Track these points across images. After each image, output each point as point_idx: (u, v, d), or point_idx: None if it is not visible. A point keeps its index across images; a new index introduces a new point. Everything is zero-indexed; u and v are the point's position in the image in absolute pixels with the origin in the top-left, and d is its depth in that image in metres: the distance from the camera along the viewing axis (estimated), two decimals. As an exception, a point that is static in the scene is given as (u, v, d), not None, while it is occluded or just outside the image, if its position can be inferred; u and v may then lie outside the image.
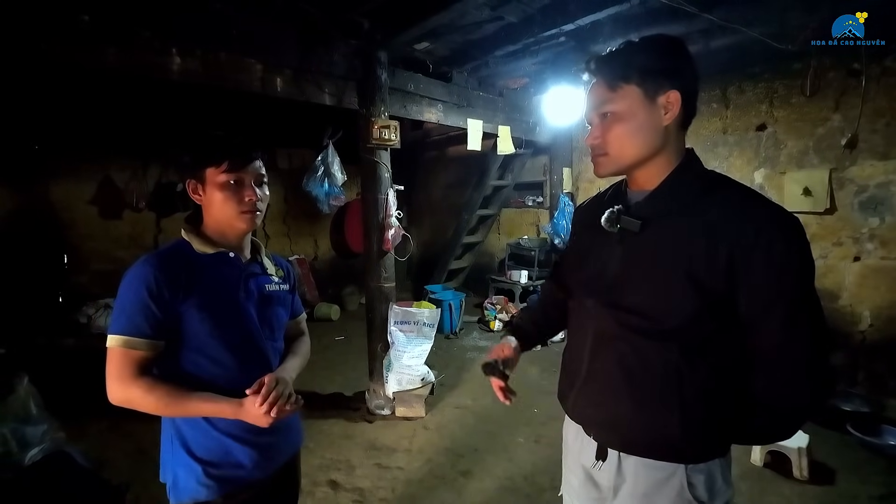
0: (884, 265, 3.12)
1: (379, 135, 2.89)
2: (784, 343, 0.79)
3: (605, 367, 0.91)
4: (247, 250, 1.14)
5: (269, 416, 0.95)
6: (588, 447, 0.96)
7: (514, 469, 2.45)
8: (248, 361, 1.05)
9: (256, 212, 1.06)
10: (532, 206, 5.50)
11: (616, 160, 0.88)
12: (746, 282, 0.77)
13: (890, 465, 2.39)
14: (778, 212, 0.80)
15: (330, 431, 2.85)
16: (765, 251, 0.76)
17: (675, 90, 0.82)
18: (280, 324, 1.17)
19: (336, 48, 2.84)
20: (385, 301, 3.11)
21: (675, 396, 0.84)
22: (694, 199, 0.84)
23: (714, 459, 0.86)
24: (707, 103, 3.91)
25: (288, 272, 1.25)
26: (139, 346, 0.95)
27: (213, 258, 1.05)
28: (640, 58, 0.84)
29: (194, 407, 0.97)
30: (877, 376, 3.18)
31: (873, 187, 3.13)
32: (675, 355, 0.83)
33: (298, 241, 6.12)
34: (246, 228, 1.06)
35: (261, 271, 1.14)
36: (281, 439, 1.13)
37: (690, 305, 0.80)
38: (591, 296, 0.95)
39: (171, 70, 2.25)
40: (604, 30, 2.83)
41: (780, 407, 0.83)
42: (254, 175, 1.06)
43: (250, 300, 1.08)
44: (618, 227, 0.88)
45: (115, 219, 4.63)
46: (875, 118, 3.09)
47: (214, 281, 1.03)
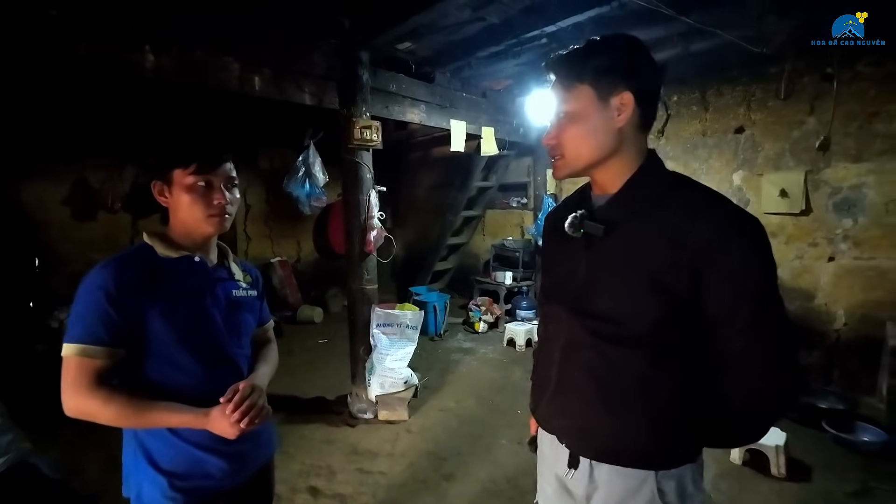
0: (857, 265, 3.20)
1: (360, 135, 2.86)
2: (748, 346, 0.78)
3: (575, 375, 0.90)
4: (213, 255, 1.10)
5: (237, 426, 0.92)
6: (561, 456, 0.94)
7: (497, 471, 2.43)
8: (216, 369, 1.02)
9: (225, 215, 1.02)
10: (516, 208, 5.51)
11: (571, 162, 0.87)
12: (708, 285, 0.76)
13: (864, 461, 2.44)
14: (737, 213, 0.78)
15: (311, 436, 2.80)
16: (724, 254, 0.75)
17: (628, 91, 0.81)
18: (247, 330, 1.14)
19: (316, 47, 2.81)
20: (367, 303, 3.07)
21: (643, 403, 0.83)
22: (655, 201, 0.83)
23: (684, 465, 0.85)
24: (687, 106, 3.97)
25: (256, 278, 1.22)
26: (97, 355, 0.91)
27: (177, 262, 1.01)
28: (595, 58, 0.82)
29: (157, 417, 0.93)
30: (851, 374, 3.25)
31: (846, 189, 3.21)
32: (642, 361, 0.82)
33: (281, 243, 6.03)
34: (213, 232, 1.03)
35: (227, 276, 1.11)
36: (252, 447, 1.09)
37: (656, 310, 0.79)
38: (559, 303, 0.93)
39: (145, 67, 2.19)
40: (585, 32, 2.84)
41: (748, 410, 0.83)
42: (223, 178, 1.03)
43: (216, 306, 1.04)
44: (581, 232, 0.87)
45: (90, 220, 4.50)
46: (848, 121, 3.17)
47: (179, 286, 0.99)
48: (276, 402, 3.08)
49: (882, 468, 2.37)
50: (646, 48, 0.84)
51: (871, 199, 3.11)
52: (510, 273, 5.07)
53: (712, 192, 0.83)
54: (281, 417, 2.99)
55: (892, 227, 3.05)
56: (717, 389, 0.83)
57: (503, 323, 4.82)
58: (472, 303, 5.11)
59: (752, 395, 0.80)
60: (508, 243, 5.26)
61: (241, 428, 0.92)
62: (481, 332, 4.84)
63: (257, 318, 1.19)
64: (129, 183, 4.67)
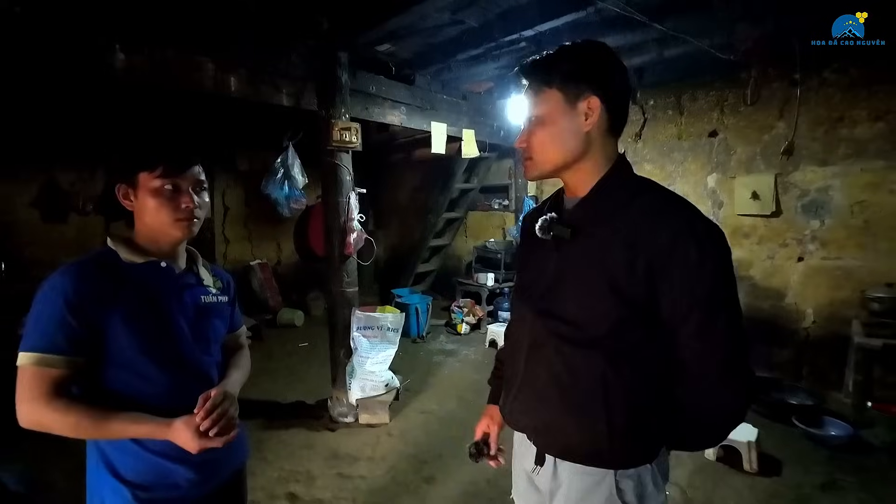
0: (824, 265, 3.31)
1: (339, 137, 2.84)
2: (701, 351, 0.79)
3: (538, 375, 0.92)
4: (181, 260, 1.07)
5: (199, 440, 0.89)
6: (530, 452, 0.96)
7: (478, 473, 2.44)
8: (182, 377, 0.99)
9: (194, 220, 1.00)
10: (498, 209, 5.54)
11: (540, 164, 0.89)
12: (664, 289, 0.78)
13: (831, 454, 2.52)
14: (693, 218, 0.79)
15: (290, 441, 2.76)
16: (680, 258, 0.76)
17: (595, 96, 0.82)
18: (217, 336, 1.11)
19: (294, 48, 2.78)
20: (347, 306, 3.05)
21: (601, 403, 0.84)
22: (620, 205, 0.84)
23: (643, 465, 0.86)
24: (663, 110, 4.06)
25: (228, 283, 1.19)
26: (55, 364, 0.87)
27: (142, 268, 0.98)
28: (563, 63, 0.84)
29: (118, 428, 0.90)
30: (820, 370, 3.37)
31: (814, 191, 3.32)
32: (601, 363, 0.83)
33: (260, 245, 5.94)
34: (181, 237, 1.00)
35: (196, 282, 1.08)
36: (222, 454, 1.05)
37: (614, 313, 0.81)
38: (526, 303, 0.95)
39: (115, 67, 2.14)
40: (562, 36, 2.88)
41: (703, 415, 0.84)
42: (192, 181, 1.00)
43: (183, 312, 1.02)
44: (551, 234, 0.88)
45: (60, 223, 4.36)
46: (815, 126, 3.28)
47: (143, 292, 0.96)
48: (255, 407, 3.10)
49: (848, 461, 2.45)
50: (614, 54, 0.86)
51: (836, 202, 3.23)
52: (492, 274, 5.09)
53: (674, 197, 0.84)
54: (260, 423, 2.95)
55: (856, 228, 3.17)
56: (674, 393, 0.84)
57: (485, 324, 4.84)
58: (454, 304, 5.11)
59: (706, 398, 0.82)
60: (490, 245, 5.29)
61: (204, 442, 0.89)
62: (464, 334, 4.85)
63: (228, 325, 1.17)
64: (102, 184, 4.54)
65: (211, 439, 0.90)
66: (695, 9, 2.60)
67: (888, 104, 3.00)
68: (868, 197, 3.11)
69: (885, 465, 2.42)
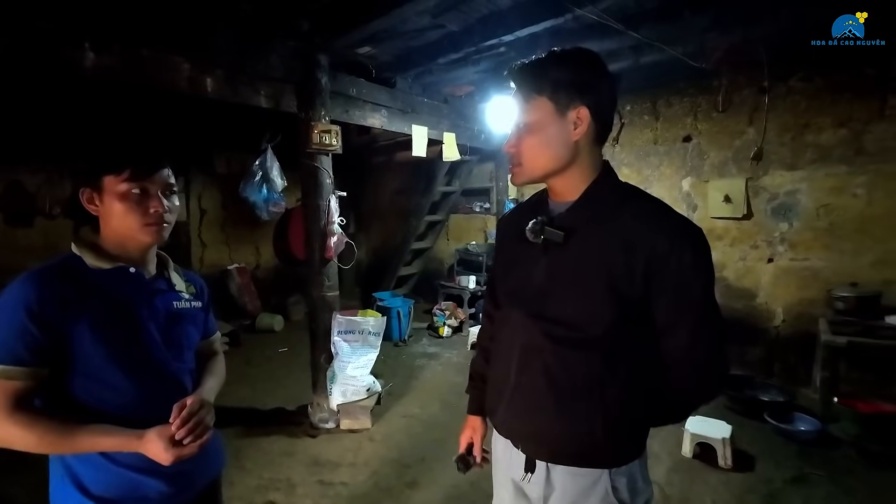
0: (792, 266, 3.44)
1: (319, 139, 2.81)
2: (691, 346, 0.84)
3: (532, 379, 0.92)
4: (151, 265, 1.04)
5: (172, 452, 0.86)
6: (517, 460, 0.96)
7: (461, 476, 2.40)
8: (153, 386, 0.96)
9: (164, 224, 0.97)
10: (479, 212, 5.57)
11: (528, 171, 0.90)
12: (660, 290, 0.81)
13: (801, 449, 2.61)
14: (686, 223, 0.84)
15: (269, 449, 2.71)
16: (676, 262, 0.80)
17: (584, 106, 0.84)
18: (190, 343, 1.08)
19: (273, 49, 2.74)
20: (328, 310, 3.01)
21: (597, 404, 0.86)
22: (611, 210, 0.86)
23: (634, 461, 0.89)
24: (640, 115, 4.15)
25: (201, 289, 1.16)
26: (16, 376, 0.83)
27: (109, 274, 0.95)
28: (554, 71, 0.85)
29: (87, 442, 0.86)
30: (790, 367, 3.49)
31: (783, 195, 3.45)
32: (597, 363, 0.85)
33: (239, 249, 5.83)
34: (151, 242, 0.97)
35: (167, 287, 1.05)
36: (196, 465, 1.02)
37: (611, 314, 0.83)
38: (516, 307, 0.95)
39: (84, 66, 2.06)
40: (541, 42, 2.92)
41: (683, 398, 0.91)
42: (161, 185, 0.97)
43: (154, 319, 0.98)
44: (542, 238, 0.89)
45: (25, 227, 4.19)
46: (783, 133, 3.41)
47: (111, 298, 0.93)
48: (234, 414, 3.04)
49: (816, 455, 2.55)
50: (603, 64, 0.87)
51: (804, 205, 3.36)
52: (474, 277, 5.12)
53: (662, 203, 0.88)
54: (238, 430, 2.88)
55: (822, 230, 3.30)
56: (661, 381, 0.88)
57: (467, 327, 4.85)
58: (436, 307, 5.11)
59: (690, 384, 0.88)
60: (472, 248, 5.31)
61: (178, 453, 0.87)
62: (446, 337, 4.84)
63: (201, 331, 1.14)
64: (70, 187, 4.39)
65: (184, 449, 0.88)
66: (668, 18, 2.67)
67: (850, 112, 3.14)
68: (833, 200, 3.25)
69: (852, 458, 2.51)
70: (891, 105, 3.00)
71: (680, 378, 0.87)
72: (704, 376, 0.87)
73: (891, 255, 3.06)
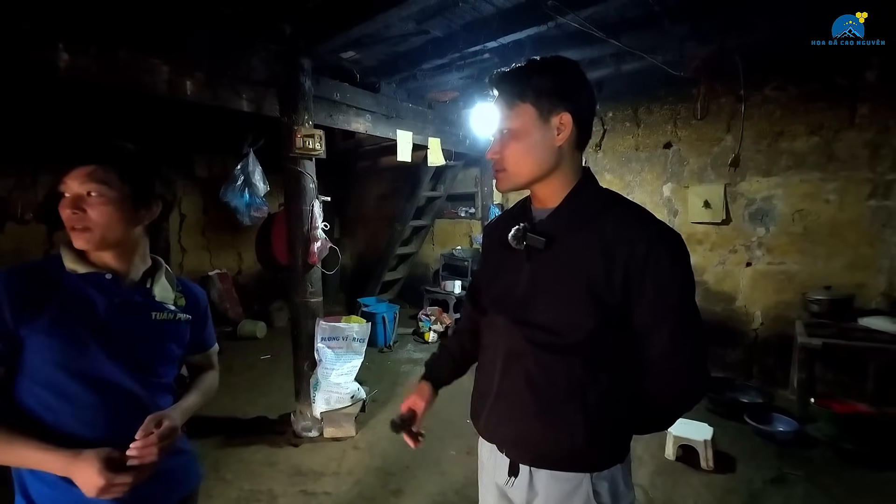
0: (769, 269, 3.52)
1: (302, 144, 2.78)
2: (671, 351, 0.84)
3: (514, 384, 0.92)
4: (135, 272, 0.99)
5: (106, 478, 0.79)
6: (501, 465, 0.96)
7: (446, 483, 2.42)
8: (110, 399, 0.90)
9: (79, 230, 0.89)
10: (465, 217, 5.58)
11: (513, 176, 0.90)
12: (639, 295, 0.82)
13: (780, 449, 2.66)
14: (665, 229, 0.85)
15: (251, 459, 2.65)
16: (655, 266, 0.81)
17: (567, 112, 0.85)
18: (167, 357, 1.02)
19: (255, 52, 2.71)
20: (311, 317, 2.97)
21: (579, 408, 0.86)
22: (592, 216, 0.87)
23: (615, 465, 0.89)
24: (621, 122, 4.22)
25: (196, 301, 1.11)
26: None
27: (81, 278, 0.91)
28: (536, 78, 0.86)
29: (19, 455, 0.80)
30: (768, 369, 3.56)
31: (759, 200, 3.53)
32: (578, 368, 0.86)
33: (220, 255, 5.72)
34: (82, 248, 0.91)
35: (143, 298, 0.99)
36: (157, 489, 0.95)
37: (592, 320, 0.83)
38: (501, 313, 0.95)
39: (58, 67, 2.01)
40: (525, 49, 2.95)
41: (664, 404, 0.91)
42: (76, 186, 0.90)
43: (118, 329, 0.93)
44: (524, 244, 0.90)
45: (-5, 232, 4.04)
46: (759, 140, 3.50)
47: (74, 303, 0.89)
48: (213, 424, 2.97)
49: (795, 455, 2.60)
50: (583, 72, 0.89)
51: (780, 210, 3.45)
52: (459, 282, 5.11)
53: (642, 209, 0.89)
54: (218, 440, 2.81)
55: (797, 234, 3.39)
56: (640, 387, 0.89)
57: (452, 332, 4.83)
58: (421, 312, 5.09)
59: (670, 390, 0.88)
60: (457, 252, 5.31)
61: (107, 483, 0.78)
62: (431, 342, 4.82)
63: (185, 344, 1.08)
64: (44, 191, 4.25)
65: (119, 478, 0.80)
66: (648, 27, 2.73)
67: (822, 120, 3.25)
68: (807, 206, 3.34)
69: (828, 457, 2.57)
70: (860, 114, 3.11)
71: (660, 383, 0.87)
72: (684, 381, 0.87)
73: (862, 259, 3.16)
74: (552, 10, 2.40)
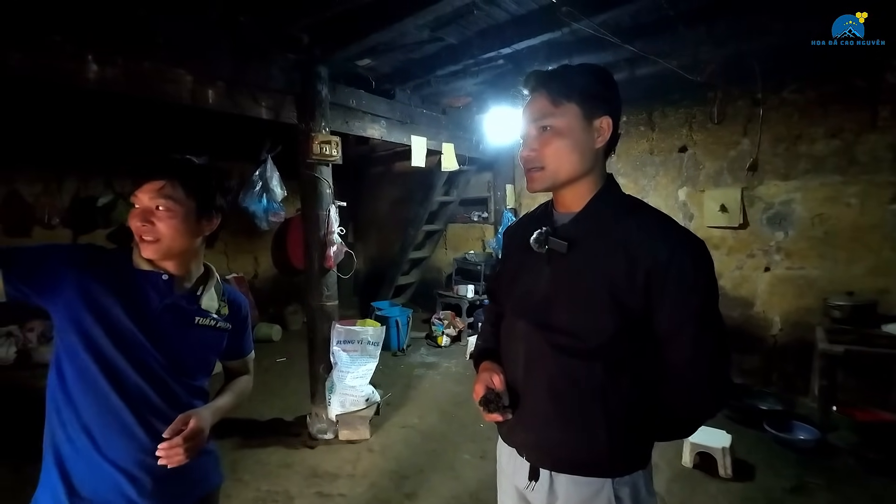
0: (789, 275, 3.46)
1: (319, 150, 2.83)
2: (692, 358, 0.84)
3: (536, 388, 0.93)
4: (191, 277, 1.06)
5: None
6: (521, 469, 0.96)
7: (460, 487, 2.43)
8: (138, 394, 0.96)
9: (148, 240, 0.96)
10: (477, 222, 5.59)
11: (552, 175, 0.90)
12: (661, 301, 0.82)
13: (800, 458, 2.61)
14: (688, 235, 0.85)
15: (267, 461, 2.69)
16: (677, 272, 0.81)
17: (608, 116, 0.87)
18: (202, 362, 1.07)
19: (274, 61, 2.77)
20: (327, 320, 3.01)
21: (600, 413, 0.87)
22: (615, 221, 0.88)
23: (637, 471, 0.89)
24: (635, 126, 4.20)
25: (238, 310, 1.16)
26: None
27: (142, 275, 0.99)
28: (582, 80, 0.88)
29: None
30: (787, 376, 3.49)
31: (778, 204, 3.48)
32: (599, 373, 0.86)
33: (237, 259, 5.81)
34: (149, 257, 0.99)
35: (188, 304, 1.04)
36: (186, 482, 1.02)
37: (613, 324, 0.84)
38: (521, 316, 0.96)
39: (87, 78, 2.08)
40: (539, 55, 2.97)
41: (685, 412, 0.90)
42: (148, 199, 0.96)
43: (164, 328, 0.98)
44: (546, 248, 0.90)
45: (23, 236, 4.17)
46: (776, 143, 3.46)
47: (130, 297, 0.95)
48: (231, 425, 3.02)
49: (816, 464, 2.55)
50: (615, 80, 0.92)
51: (798, 214, 3.39)
52: (472, 286, 5.12)
53: (665, 215, 0.89)
54: (235, 442, 2.86)
55: (817, 239, 3.33)
56: (661, 394, 0.88)
57: (466, 336, 4.84)
58: (434, 317, 5.10)
59: (692, 398, 0.87)
60: (470, 257, 5.32)
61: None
62: (444, 346, 4.83)
63: (220, 351, 1.13)
64: (69, 196, 4.39)
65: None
66: (663, 32, 2.73)
67: (841, 123, 3.19)
68: (827, 210, 3.28)
69: (851, 467, 2.52)
70: (882, 117, 3.06)
71: (682, 391, 0.87)
72: (706, 389, 0.86)
73: (884, 264, 3.09)
74: (566, 16, 2.41)
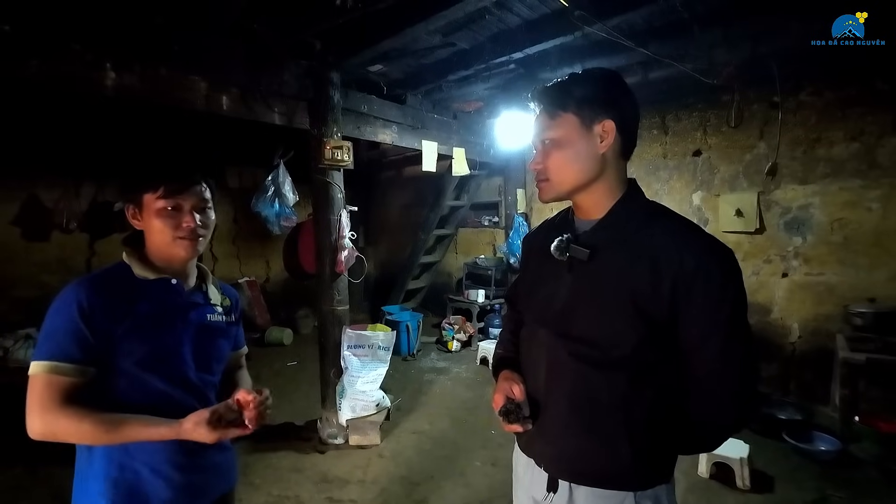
0: (807, 280, 3.38)
1: (331, 155, 2.85)
2: (718, 369, 0.81)
3: (557, 398, 0.91)
4: (192, 277, 1.08)
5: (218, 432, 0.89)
6: (538, 479, 0.94)
7: (471, 495, 2.40)
8: (179, 394, 0.98)
9: (198, 238, 1.00)
10: (488, 226, 5.58)
11: (556, 186, 0.90)
12: (687, 310, 0.80)
13: (821, 470, 2.54)
14: (715, 243, 0.83)
15: (278, 465, 2.69)
16: (704, 281, 0.78)
17: (609, 119, 0.85)
18: (221, 356, 1.11)
19: (287, 68, 2.80)
20: (338, 325, 3.01)
21: (623, 425, 0.84)
22: (638, 228, 0.86)
23: (660, 485, 0.87)
24: (648, 129, 4.16)
25: (235, 303, 1.19)
26: (67, 373, 0.87)
27: (153, 284, 1.00)
28: (578, 88, 0.87)
29: (133, 432, 0.89)
30: (806, 385, 3.41)
31: (795, 209, 3.41)
32: (622, 384, 0.84)
33: (249, 263, 5.88)
34: (185, 256, 1.01)
35: (203, 301, 1.08)
36: (208, 477, 1.05)
37: (636, 334, 0.82)
38: (542, 325, 0.94)
39: (105, 85, 2.13)
40: (551, 59, 2.96)
41: (709, 425, 0.87)
42: (194, 200, 1.00)
43: (188, 331, 1.02)
44: (567, 255, 0.89)
45: (41, 241, 4.26)
46: (794, 147, 3.39)
47: (153, 308, 0.97)
48: (242, 429, 3.01)
49: (837, 476, 2.47)
50: (624, 81, 0.89)
51: (817, 219, 3.32)
52: (483, 291, 5.10)
53: (691, 222, 0.87)
54: (247, 446, 2.87)
55: (836, 244, 3.25)
56: (685, 406, 0.86)
57: (476, 341, 4.82)
58: (445, 321, 5.09)
59: (717, 411, 0.85)
60: (481, 261, 5.30)
61: (221, 434, 0.90)
62: (454, 351, 4.81)
63: (232, 344, 1.16)
64: (87, 201, 4.47)
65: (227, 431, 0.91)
66: (677, 34, 2.70)
67: (862, 126, 3.12)
68: (847, 214, 3.21)
69: (874, 479, 2.44)
70: (904, 119, 2.98)
71: (707, 403, 0.84)
72: (733, 402, 0.83)
73: (908, 271, 3.01)
74: (579, 20, 2.40)
